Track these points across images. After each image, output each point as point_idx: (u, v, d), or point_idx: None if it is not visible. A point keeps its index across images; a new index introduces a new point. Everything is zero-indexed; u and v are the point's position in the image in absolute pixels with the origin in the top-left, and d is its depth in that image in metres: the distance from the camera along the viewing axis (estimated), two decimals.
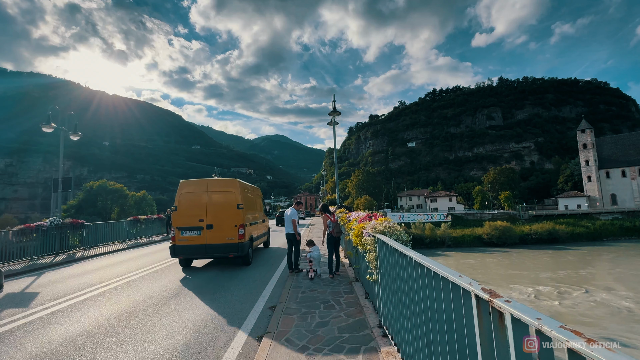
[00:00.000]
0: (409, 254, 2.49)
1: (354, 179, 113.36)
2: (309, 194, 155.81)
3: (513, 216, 73.65)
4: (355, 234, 4.47)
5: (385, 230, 3.63)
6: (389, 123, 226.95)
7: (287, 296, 5.54)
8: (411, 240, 3.54)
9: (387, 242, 3.26)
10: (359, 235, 4.36)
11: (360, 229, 4.34)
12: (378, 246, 3.68)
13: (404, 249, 2.70)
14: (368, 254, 3.90)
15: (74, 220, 13.20)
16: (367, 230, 4.08)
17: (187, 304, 5.52)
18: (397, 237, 3.48)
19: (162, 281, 7.37)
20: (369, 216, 4.63)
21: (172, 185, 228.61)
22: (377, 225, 3.83)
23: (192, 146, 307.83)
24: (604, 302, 20.86)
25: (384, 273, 3.46)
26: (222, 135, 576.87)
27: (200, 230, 8.70)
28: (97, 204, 63.50)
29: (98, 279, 7.76)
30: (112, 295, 6.26)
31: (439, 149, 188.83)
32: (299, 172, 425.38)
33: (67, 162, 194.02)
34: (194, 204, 9.38)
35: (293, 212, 8.09)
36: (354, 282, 6.25)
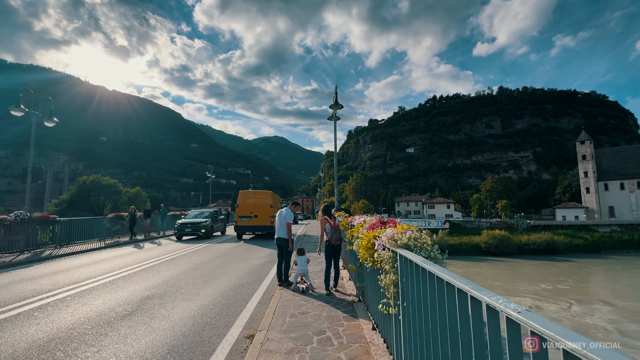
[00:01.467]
0: (462, 286, 1.56)
1: (351, 182, 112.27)
2: (306, 196, 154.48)
3: (511, 225, 72.87)
4: (363, 245, 3.30)
5: (411, 244, 2.49)
6: (388, 128, 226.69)
7: (271, 320, 4.34)
8: (445, 259, 2.41)
9: (417, 262, 2.15)
10: (368, 248, 3.20)
11: (371, 239, 3.18)
12: (400, 267, 2.54)
13: (452, 277, 1.67)
14: (383, 277, 2.74)
15: (43, 214, 11.93)
16: (381, 242, 2.93)
17: (141, 328, 4.32)
18: (428, 255, 2.36)
19: (124, 291, 6.15)
20: (381, 222, 3.48)
21: (169, 183, 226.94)
22: (397, 236, 2.68)
23: (191, 144, 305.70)
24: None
25: (411, 307, 2.34)
26: (221, 135, 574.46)
27: (250, 218, 16.91)
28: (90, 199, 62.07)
29: (49, 286, 6.52)
30: (55, 310, 5.04)
31: (438, 155, 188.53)
32: (296, 174, 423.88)
33: (63, 157, 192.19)
34: (247, 203, 17.41)
35: (289, 212, 6.80)
36: (357, 302, 5.07)
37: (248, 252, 11.76)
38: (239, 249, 12.95)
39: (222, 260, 9.86)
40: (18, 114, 10.74)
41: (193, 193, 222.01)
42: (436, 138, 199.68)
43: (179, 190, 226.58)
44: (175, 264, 9.22)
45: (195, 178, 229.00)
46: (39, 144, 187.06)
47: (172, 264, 9.12)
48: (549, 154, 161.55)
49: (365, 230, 3.82)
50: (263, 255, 10.96)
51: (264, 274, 7.95)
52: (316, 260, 9.00)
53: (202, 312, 4.93)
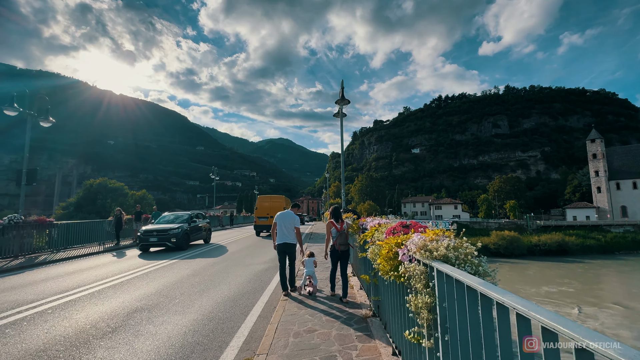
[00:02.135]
0: (556, 323, 1.03)
1: (357, 183, 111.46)
2: (312, 197, 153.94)
3: (520, 226, 71.55)
4: (382, 254, 2.66)
5: (451, 255, 1.91)
6: (393, 129, 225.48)
7: (272, 341, 3.72)
8: (495, 274, 1.78)
9: (466, 282, 1.58)
10: (389, 258, 2.57)
11: (393, 248, 2.55)
12: (439, 286, 1.93)
13: (529, 307, 1.16)
14: (413, 298, 2.11)
15: (39, 218, 11.49)
16: (407, 251, 2.31)
17: (121, 350, 3.72)
18: (476, 270, 1.79)
19: (112, 302, 5.58)
20: (403, 225, 2.85)
21: (174, 186, 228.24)
22: (431, 245, 2.05)
23: (197, 147, 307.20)
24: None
25: (456, 338, 1.73)
26: (226, 138, 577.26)
27: (267, 218, 18.36)
28: (96, 202, 62.18)
29: (33, 296, 5.98)
30: (30, 326, 4.49)
31: (444, 155, 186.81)
32: (302, 176, 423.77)
33: (72, 160, 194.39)
34: (264, 206, 20.70)
35: (295, 216, 6.28)
36: (371, 317, 4.43)
37: (250, 257, 11.17)
38: (238, 254, 12.38)
39: (222, 266, 9.28)
40: (12, 114, 10.33)
41: (199, 195, 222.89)
42: (442, 138, 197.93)
43: (185, 193, 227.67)
44: (172, 270, 8.66)
45: (201, 180, 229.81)
46: (49, 149, 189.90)
47: (169, 270, 8.55)
48: (557, 153, 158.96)
49: (383, 236, 3.20)
50: (266, 260, 10.35)
51: (266, 281, 7.35)
52: (323, 265, 8.40)
53: (194, 329, 4.33)
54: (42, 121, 11.55)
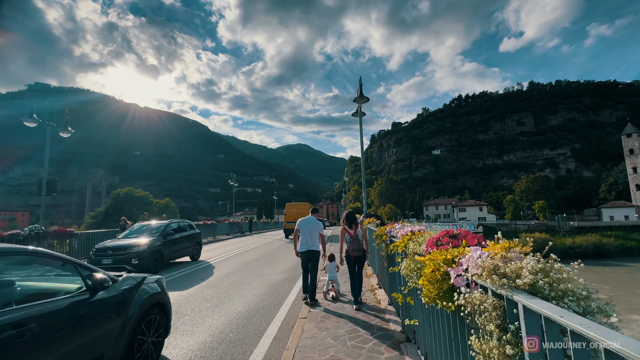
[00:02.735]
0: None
1: (376, 187, 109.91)
2: (331, 202, 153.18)
3: (552, 227, 67.96)
4: (427, 273, 2.01)
5: (542, 283, 1.30)
6: (412, 130, 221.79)
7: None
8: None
9: (590, 336, 0.94)
10: (436, 279, 1.91)
11: (441, 266, 1.92)
12: (528, 332, 1.24)
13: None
14: (480, 342, 1.49)
15: (59, 228, 11.52)
16: (463, 272, 1.75)
17: None
18: (586, 309, 1.17)
19: None
20: (450, 235, 2.21)
21: (197, 193, 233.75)
22: (504, 265, 1.49)
23: (217, 155, 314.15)
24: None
25: None
26: (246, 145, 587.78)
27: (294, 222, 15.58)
28: (123, 211, 64.50)
29: None
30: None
31: (466, 156, 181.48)
32: (320, 181, 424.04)
33: (101, 171, 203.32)
34: (291, 212, 23.94)
35: (318, 222, 6.11)
36: (405, 343, 3.76)
37: (267, 266, 10.66)
38: (255, 263, 11.91)
39: (238, 276, 8.82)
40: (31, 125, 10.44)
41: (220, 202, 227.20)
42: (463, 138, 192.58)
43: (207, 200, 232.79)
44: (185, 282, 8.28)
45: (222, 187, 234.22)
46: (80, 160, 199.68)
47: (181, 282, 8.18)
48: (589, 149, 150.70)
49: (421, 248, 2.57)
50: (284, 269, 9.83)
51: (284, 294, 6.80)
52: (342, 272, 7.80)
53: (200, 355, 3.82)
54: (62, 132, 11.65)
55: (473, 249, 1.77)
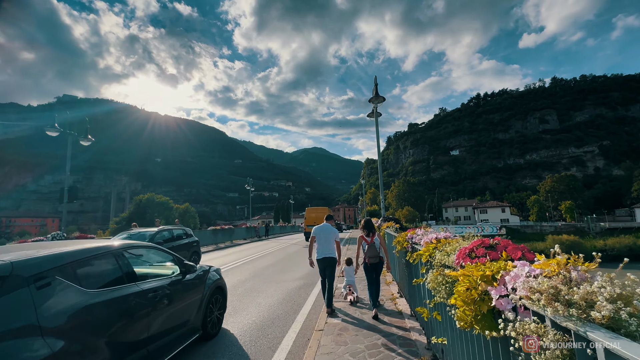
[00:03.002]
0: None
1: (393, 189, 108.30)
2: (347, 205, 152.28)
3: (581, 229, 64.84)
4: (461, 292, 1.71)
5: (624, 315, 1.02)
6: (429, 131, 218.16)
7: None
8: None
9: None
10: (473, 300, 1.64)
11: (479, 284, 1.64)
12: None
13: None
14: None
15: (80, 234, 11.74)
16: (507, 291, 1.47)
17: None
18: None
19: None
20: (485, 245, 1.85)
21: (215, 198, 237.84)
22: (566, 289, 1.19)
23: (235, 161, 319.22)
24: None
25: None
26: (262, 150, 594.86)
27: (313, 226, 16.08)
28: (145, 216, 66.36)
29: None
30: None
31: (486, 156, 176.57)
32: (337, 184, 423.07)
33: (124, 178, 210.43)
34: (311, 216, 24.99)
35: (334, 229, 6.08)
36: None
37: (282, 272, 10.45)
38: (270, 269, 11.73)
39: (254, 283, 8.65)
40: (53, 134, 10.73)
41: (238, 207, 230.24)
42: (483, 138, 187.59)
43: (225, 205, 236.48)
44: None
45: (240, 192, 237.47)
46: (105, 168, 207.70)
47: None
48: (619, 146, 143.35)
49: (450, 259, 2.26)
50: (300, 276, 9.58)
51: (300, 302, 6.54)
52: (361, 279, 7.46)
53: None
54: (82, 140, 11.93)
55: (519, 265, 1.48)
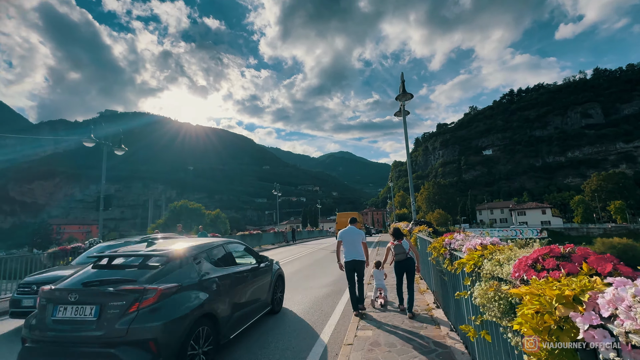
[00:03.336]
0: None
1: (423, 192, 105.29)
2: (376, 209, 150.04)
3: (634, 231, 59.49)
4: (529, 316, 1.29)
5: None
6: (459, 131, 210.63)
7: None
8: None
9: None
10: (549, 330, 1.22)
11: (555, 308, 1.23)
12: None
13: None
14: None
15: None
16: (609, 323, 1.03)
17: None
18: None
19: None
20: (556, 255, 1.56)
21: (245, 204, 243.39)
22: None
23: (263, 167, 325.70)
24: None
25: None
26: (289, 155, 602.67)
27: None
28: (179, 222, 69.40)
29: None
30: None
31: (522, 155, 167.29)
32: (364, 188, 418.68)
33: (160, 186, 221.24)
34: (342, 221, 27.04)
35: (360, 231, 6.12)
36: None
37: (309, 278, 10.15)
38: (297, 275, 11.47)
39: None
40: (89, 145, 11.27)
41: (267, 212, 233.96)
42: (518, 136, 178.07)
43: (255, 210, 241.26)
44: None
45: (268, 198, 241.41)
46: (143, 177, 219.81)
47: None
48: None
49: (504, 270, 1.91)
50: (327, 283, 9.23)
51: (327, 312, 6.21)
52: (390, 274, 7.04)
53: None
54: (116, 150, 12.44)
55: (616, 283, 1.11)
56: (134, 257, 3.83)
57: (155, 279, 3.41)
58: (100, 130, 13.50)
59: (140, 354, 2.94)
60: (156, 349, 2.98)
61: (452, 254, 3.38)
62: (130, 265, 3.69)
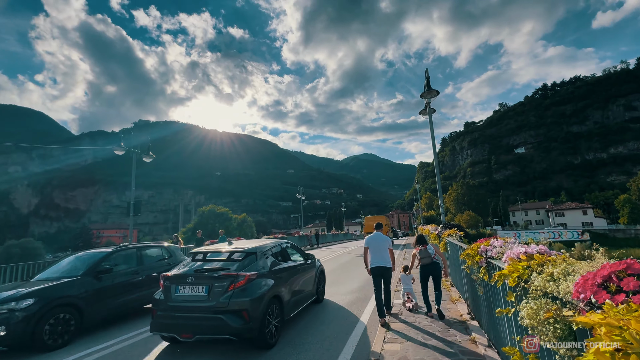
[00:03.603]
0: None
1: (451, 193, 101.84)
2: (402, 211, 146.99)
3: None
4: (608, 356, 0.96)
5: None
6: (488, 129, 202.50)
7: None
8: None
9: None
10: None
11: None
12: None
13: None
14: None
15: None
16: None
17: None
18: None
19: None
20: (636, 271, 1.23)
21: (271, 208, 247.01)
22: None
23: (287, 171, 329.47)
24: None
25: None
26: (313, 159, 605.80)
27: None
28: (208, 227, 71.33)
29: None
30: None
31: (558, 152, 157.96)
32: (389, 190, 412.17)
33: (190, 192, 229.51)
34: (369, 224, 24.39)
35: (386, 237, 6.17)
36: None
37: (334, 284, 9.86)
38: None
39: None
40: (120, 153, 11.73)
41: (292, 215, 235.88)
42: (553, 132, 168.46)
43: (280, 214, 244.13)
44: None
45: (293, 201, 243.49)
46: (173, 183, 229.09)
47: None
48: None
49: (568, 288, 1.52)
50: (353, 289, 8.93)
51: (352, 321, 5.92)
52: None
53: None
54: (145, 157, 12.87)
55: None
56: (222, 253, 5.16)
57: (241, 268, 4.75)
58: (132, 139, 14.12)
59: (238, 320, 4.28)
60: (248, 317, 4.33)
61: (489, 263, 3.03)
62: (221, 259, 5.00)
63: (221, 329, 4.24)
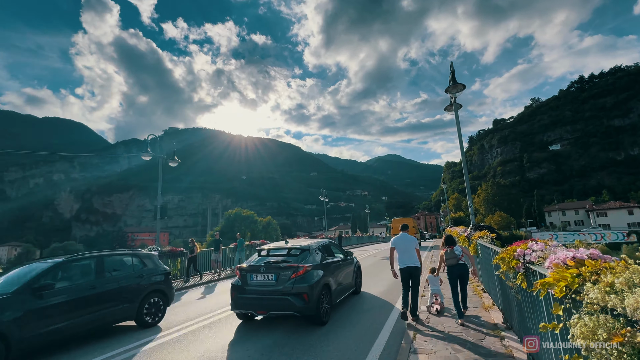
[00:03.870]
0: None
1: (480, 193, 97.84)
2: (428, 212, 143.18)
3: None
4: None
5: None
6: (520, 126, 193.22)
7: None
8: None
9: None
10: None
11: None
12: None
13: None
14: None
15: (172, 248, 12.91)
16: None
17: None
18: None
19: (209, 343, 4.91)
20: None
21: (295, 211, 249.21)
22: None
23: (311, 173, 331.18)
24: None
25: None
26: (337, 161, 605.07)
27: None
28: (234, 230, 73.07)
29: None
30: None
31: (599, 148, 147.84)
32: (415, 191, 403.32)
33: (217, 195, 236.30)
34: (397, 226, 27.43)
35: (413, 238, 6.25)
36: None
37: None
38: None
39: None
40: (147, 158, 12.13)
41: (316, 218, 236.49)
42: (592, 127, 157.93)
43: (304, 217, 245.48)
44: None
45: (317, 204, 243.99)
46: (202, 188, 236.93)
47: None
48: None
49: (636, 303, 1.28)
50: (379, 292, 8.61)
51: (377, 327, 5.64)
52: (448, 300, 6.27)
53: None
54: (170, 162, 13.24)
55: None
56: (283, 249, 6.44)
57: (299, 260, 5.97)
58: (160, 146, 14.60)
59: (300, 300, 5.45)
60: (307, 298, 5.48)
61: (528, 269, 2.69)
62: (283, 254, 6.26)
63: (288, 307, 5.46)
